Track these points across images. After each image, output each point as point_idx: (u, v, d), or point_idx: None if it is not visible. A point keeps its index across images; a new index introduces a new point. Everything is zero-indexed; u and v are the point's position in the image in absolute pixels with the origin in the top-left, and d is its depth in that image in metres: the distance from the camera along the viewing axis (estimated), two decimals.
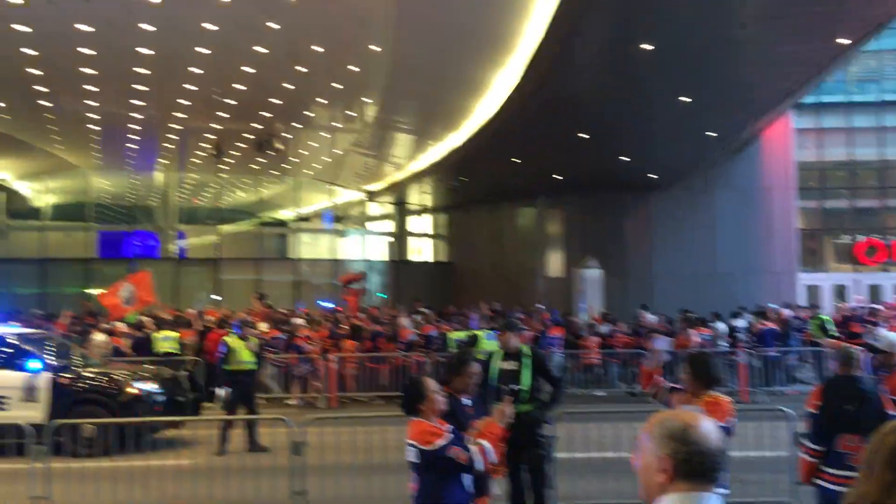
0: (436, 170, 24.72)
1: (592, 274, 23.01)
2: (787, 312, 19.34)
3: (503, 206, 29.41)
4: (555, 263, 27.57)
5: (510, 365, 7.05)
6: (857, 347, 6.26)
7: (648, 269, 26.30)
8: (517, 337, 7.23)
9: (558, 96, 16.43)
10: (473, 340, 12.23)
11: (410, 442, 4.55)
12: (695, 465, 2.05)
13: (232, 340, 11.58)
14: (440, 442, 4.50)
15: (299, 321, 17.53)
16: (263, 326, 16.51)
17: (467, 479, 4.69)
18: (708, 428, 2.11)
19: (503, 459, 5.35)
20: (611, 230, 26.60)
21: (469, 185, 26.34)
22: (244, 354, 11.50)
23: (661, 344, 15.46)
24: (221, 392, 11.22)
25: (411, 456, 4.55)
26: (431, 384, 4.73)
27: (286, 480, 7.52)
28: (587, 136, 19.52)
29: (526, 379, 6.97)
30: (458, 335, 15.04)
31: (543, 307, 21.80)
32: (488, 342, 12.25)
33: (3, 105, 19.34)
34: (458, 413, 5.22)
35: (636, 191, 26.09)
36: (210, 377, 15.57)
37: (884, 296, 28.04)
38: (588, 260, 23.49)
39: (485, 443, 4.67)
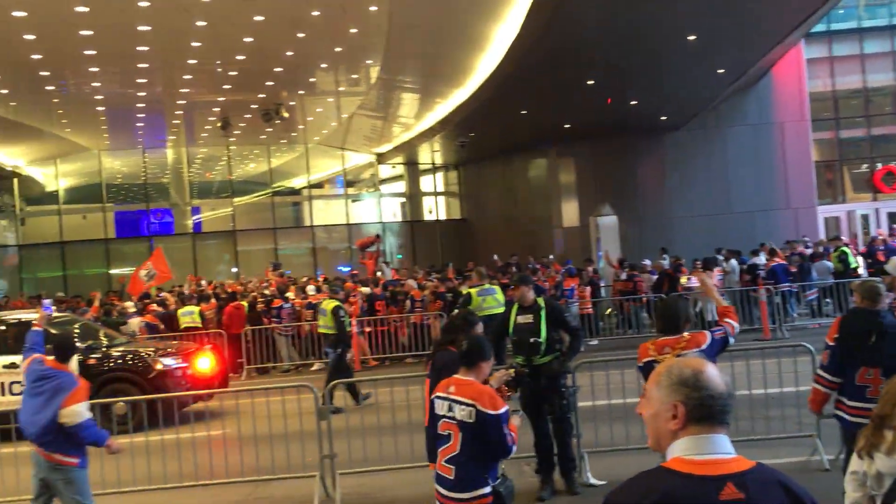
0: (444, 127, 24.59)
1: (608, 221, 22.95)
2: (802, 247, 19.27)
3: (514, 159, 29.27)
4: (569, 213, 27.50)
5: (526, 318, 7.10)
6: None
7: (664, 211, 26.18)
8: (531, 290, 7.26)
9: (561, 45, 16.21)
10: (467, 299, 12.10)
11: (465, 400, 4.41)
12: (707, 409, 2.10)
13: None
14: (504, 408, 4.43)
15: (311, 288, 17.74)
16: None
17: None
18: (715, 373, 2.16)
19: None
20: (624, 175, 26.43)
21: (479, 140, 26.20)
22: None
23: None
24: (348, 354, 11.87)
25: (463, 415, 4.41)
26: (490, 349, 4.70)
27: (314, 445, 7.66)
28: (594, 83, 19.31)
29: (543, 331, 7.02)
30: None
31: (553, 257, 21.79)
32: (478, 298, 12.15)
33: (9, 92, 19.36)
34: None
35: (648, 133, 25.84)
36: (232, 348, 15.86)
37: None
38: (603, 207, 23.41)
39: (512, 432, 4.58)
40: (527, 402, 7.16)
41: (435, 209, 34.16)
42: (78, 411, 5.91)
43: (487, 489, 4.43)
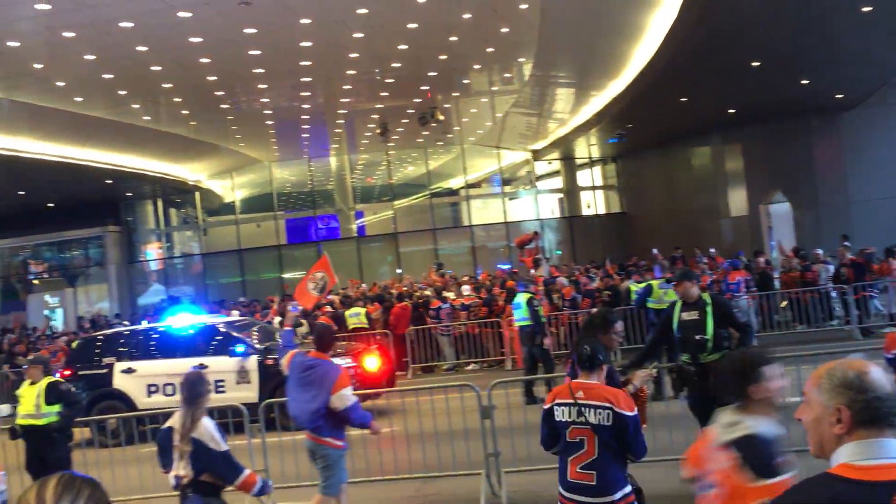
0: (600, 120, 24.17)
1: (780, 208, 21.72)
2: None
3: (674, 149, 28.31)
4: (736, 202, 26.22)
5: (691, 315, 6.85)
6: None
7: (842, 196, 24.41)
8: (695, 285, 7.00)
9: (721, 27, 15.51)
10: (648, 291, 12.42)
11: (601, 404, 4.33)
12: (874, 411, 2.00)
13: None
14: (636, 410, 4.38)
15: (465, 288, 17.93)
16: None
17: None
18: (880, 373, 2.06)
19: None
20: (796, 159, 24.86)
21: (637, 131, 25.53)
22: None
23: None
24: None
25: (601, 418, 4.32)
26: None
27: (478, 443, 7.76)
28: (759, 64, 18.32)
29: (709, 328, 6.75)
30: (637, 287, 14.79)
31: (715, 250, 20.86)
32: (659, 291, 12.20)
33: (189, 112, 20.96)
34: (612, 374, 4.92)
35: (821, 113, 24.20)
36: (398, 348, 16.34)
37: None
38: (774, 194, 22.17)
39: None
40: (694, 401, 6.92)
41: (593, 203, 33.64)
42: (346, 395, 6.37)
43: (629, 487, 4.41)
